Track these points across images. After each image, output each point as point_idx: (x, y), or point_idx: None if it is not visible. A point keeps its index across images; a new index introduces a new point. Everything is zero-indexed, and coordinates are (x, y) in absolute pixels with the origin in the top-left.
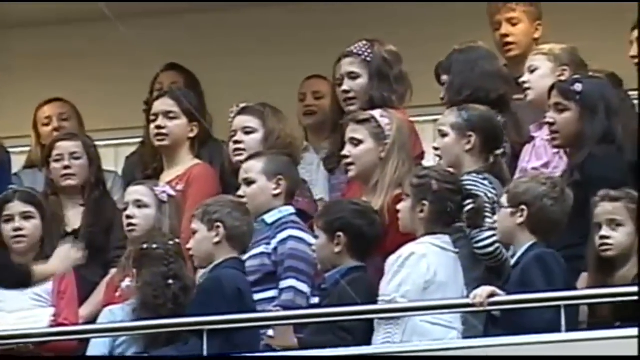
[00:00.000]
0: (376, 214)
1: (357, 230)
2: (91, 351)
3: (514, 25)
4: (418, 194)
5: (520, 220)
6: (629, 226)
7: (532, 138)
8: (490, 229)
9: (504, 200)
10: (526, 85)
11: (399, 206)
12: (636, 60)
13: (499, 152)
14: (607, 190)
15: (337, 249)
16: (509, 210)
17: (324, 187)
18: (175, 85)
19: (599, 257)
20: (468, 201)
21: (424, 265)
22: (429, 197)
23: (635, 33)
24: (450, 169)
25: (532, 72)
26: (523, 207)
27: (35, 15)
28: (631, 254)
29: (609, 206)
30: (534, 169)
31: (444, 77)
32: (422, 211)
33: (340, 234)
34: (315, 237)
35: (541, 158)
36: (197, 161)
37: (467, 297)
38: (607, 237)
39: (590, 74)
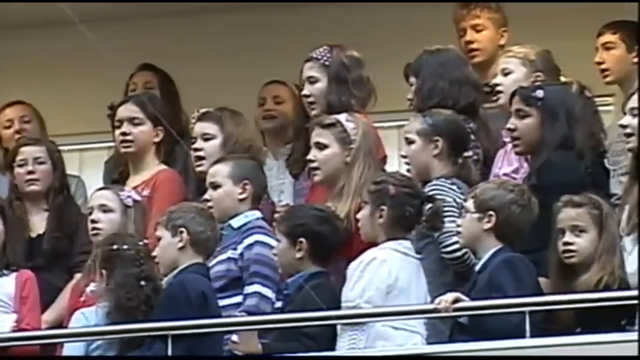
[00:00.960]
0: (339, 220)
1: (319, 236)
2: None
3: (478, 31)
4: (376, 200)
5: (488, 226)
6: (592, 232)
7: (504, 143)
8: (458, 233)
9: (469, 205)
10: (499, 88)
11: (359, 215)
12: (601, 67)
13: (466, 154)
14: (570, 195)
15: (298, 255)
16: (476, 215)
17: (289, 192)
18: (148, 84)
19: (561, 263)
20: (427, 205)
21: (385, 270)
22: (387, 202)
23: (602, 39)
24: (407, 174)
25: (505, 74)
26: (491, 213)
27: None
28: (593, 260)
29: (572, 212)
30: (505, 174)
31: (412, 79)
32: (381, 217)
33: (302, 239)
34: (277, 241)
35: (512, 164)
36: (163, 166)
37: (432, 302)
38: (571, 244)
39: (563, 80)
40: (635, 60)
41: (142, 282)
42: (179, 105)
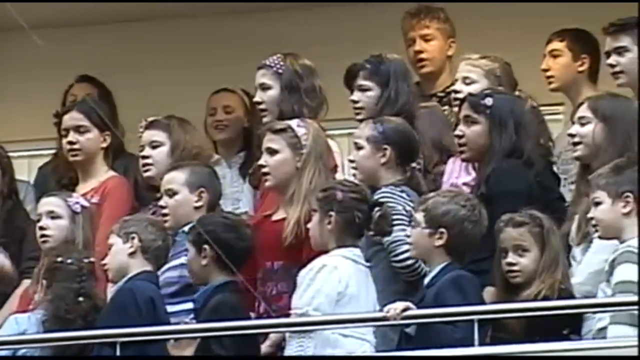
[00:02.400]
0: (247, 228)
1: (224, 244)
2: None
3: (427, 41)
4: (324, 207)
5: (440, 242)
6: (535, 251)
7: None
8: (408, 243)
9: (420, 217)
10: (458, 95)
11: (309, 225)
12: (547, 74)
13: (414, 165)
14: (510, 214)
15: (203, 262)
16: (427, 230)
17: (248, 201)
18: (88, 96)
19: (506, 281)
20: (376, 210)
21: (335, 277)
22: (335, 208)
23: (549, 46)
24: (355, 181)
25: (467, 84)
26: (442, 230)
27: None
28: (536, 276)
29: (514, 232)
30: (465, 184)
31: (367, 83)
32: (329, 223)
33: (206, 247)
34: (186, 250)
35: (470, 173)
36: (112, 173)
37: (381, 310)
38: (514, 264)
39: (518, 93)
40: (581, 68)
41: (81, 298)
42: (116, 117)
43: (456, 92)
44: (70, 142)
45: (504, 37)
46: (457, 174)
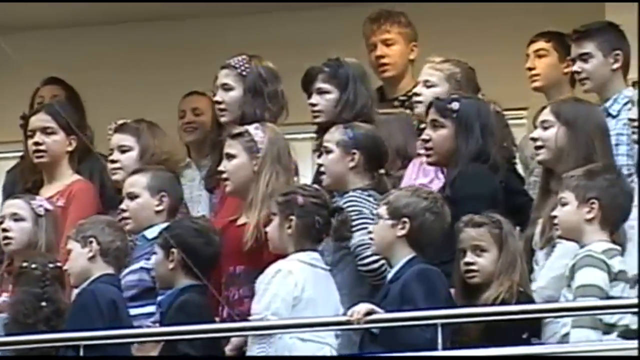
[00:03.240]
0: (215, 234)
1: (192, 248)
2: None
3: (389, 46)
4: (285, 210)
5: (402, 232)
6: (493, 252)
7: (419, 155)
8: (371, 240)
9: (382, 211)
10: (418, 98)
11: (268, 228)
12: (532, 72)
13: (383, 170)
14: (471, 215)
15: (171, 266)
16: (389, 222)
17: (205, 205)
18: (56, 98)
19: (465, 282)
20: (336, 215)
21: (291, 282)
22: (296, 212)
23: (534, 46)
24: (315, 186)
25: (428, 87)
26: (405, 220)
27: None
28: (494, 278)
29: (473, 232)
30: (422, 185)
31: (326, 86)
32: (289, 227)
33: (174, 251)
34: (154, 253)
35: (428, 175)
36: (77, 177)
37: (344, 314)
38: (472, 264)
39: (480, 96)
40: (566, 70)
41: (43, 303)
42: (84, 120)
43: (417, 94)
44: (36, 143)
45: (470, 40)
46: (415, 176)
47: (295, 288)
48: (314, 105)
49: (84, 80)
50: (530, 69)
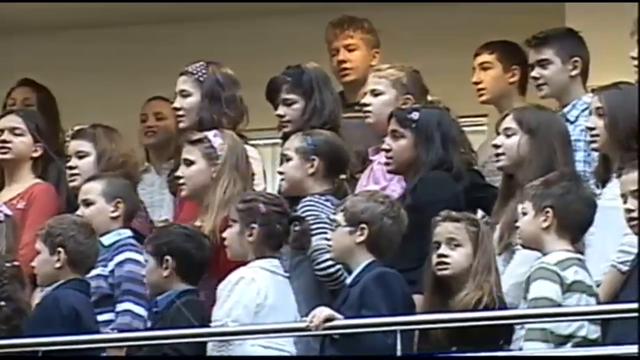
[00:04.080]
0: (205, 238)
1: (185, 253)
2: None
3: (351, 51)
4: (246, 218)
5: (360, 239)
6: (467, 247)
7: (370, 161)
8: (330, 247)
9: (339, 218)
10: (368, 108)
11: (226, 234)
12: (478, 86)
13: (342, 177)
14: (449, 211)
15: (165, 273)
16: (347, 229)
17: (169, 208)
18: (27, 101)
19: (436, 278)
20: (295, 224)
21: (253, 289)
22: (258, 220)
23: (479, 59)
24: (275, 193)
25: (375, 95)
26: (363, 225)
27: None
28: (468, 279)
29: (450, 226)
30: None
31: (291, 96)
32: (250, 235)
33: (168, 257)
34: (145, 261)
35: (379, 182)
36: (38, 180)
37: (303, 319)
38: (445, 256)
39: (431, 99)
40: (512, 80)
41: (2, 303)
42: (57, 122)
43: (366, 105)
44: (3, 141)
45: (429, 49)
46: (365, 183)
47: (258, 295)
48: (281, 116)
49: (52, 83)
50: (476, 83)
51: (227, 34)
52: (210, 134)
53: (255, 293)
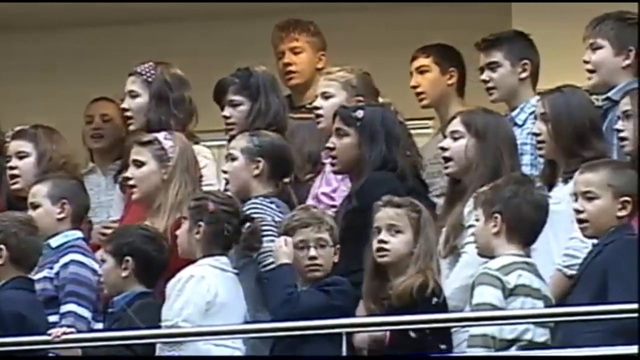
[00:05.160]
0: (165, 241)
1: (145, 255)
2: None
3: (296, 54)
4: (195, 216)
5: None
6: (408, 234)
7: (323, 164)
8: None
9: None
10: (319, 112)
11: (178, 231)
12: (417, 91)
13: (287, 179)
14: (391, 196)
15: (124, 274)
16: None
17: (118, 208)
18: None
19: (376, 264)
20: (246, 224)
21: (204, 287)
22: (205, 218)
23: (416, 63)
24: (228, 193)
25: (326, 98)
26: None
27: None
28: (408, 265)
29: (391, 211)
30: (324, 194)
31: (238, 98)
32: (198, 233)
33: (129, 258)
34: (103, 261)
35: (330, 184)
36: None
37: (252, 321)
38: (385, 242)
39: (382, 101)
40: (450, 82)
41: None
42: None
43: (317, 108)
44: None
45: (377, 52)
46: (319, 184)
47: (208, 293)
48: (227, 117)
49: None
50: (414, 86)
51: (177, 35)
52: (160, 136)
53: (205, 291)
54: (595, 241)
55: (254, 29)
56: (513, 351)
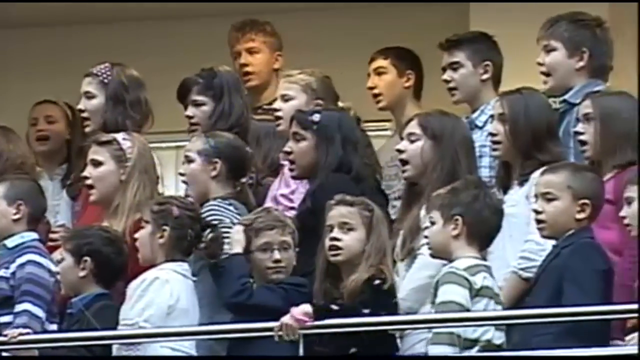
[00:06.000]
0: (124, 243)
1: (104, 257)
2: None
3: (252, 54)
4: (158, 220)
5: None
6: (361, 232)
7: (281, 166)
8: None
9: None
10: (278, 114)
11: (138, 234)
12: (374, 92)
13: (244, 180)
14: (343, 195)
15: (82, 273)
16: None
17: (66, 213)
18: None
19: (328, 262)
20: (208, 230)
21: (167, 291)
22: (170, 223)
23: (373, 64)
24: (190, 198)
25: (286, 101)
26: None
27: None
28: (360, 261)
29: (344, 209)
30: (283, 195)
31: (201, 98)
32: (162, 237)
33: (87, 258)
34: (62, 259)
35: (289, 185)
36: None
37: (209, 324)
38: (338, 240)
39: (342, 105)
40: (407, 84)
41: None
42: None
43: (276, 110)
44: None
45: (335, 53)
46: (278, 186)
47: (171, 297)
48: (190, 117)
49: None
50: (371, 88)
51: (133, 35)
52: (119, 137)
53: (168, 294)
54: (553, 243)
55: (215, 29)
56: (512, 352)
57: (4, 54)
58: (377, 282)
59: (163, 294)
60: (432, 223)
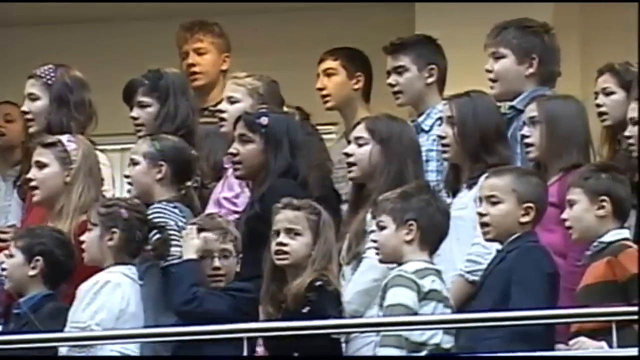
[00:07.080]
0: (74, 246)
1: (55, 258)
2: None
3: (200, 55)
4: (107, 222)
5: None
6: (307, 236)
7: (225, 169)
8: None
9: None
10: (223, 115)
11: (84, 237)
12: (322, 93)
13: (189, 183)
14: (290, 198)
15: (32, 272)
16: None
17: (17, 213)
18: None
19: (274, 267)
20: (154, 232)
21: (118, 294)
22: (119, 225)
23: (323, 65)
24: (137, 200)
25: (231, 103)
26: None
27: None
28: (306, 265)
29: (290, 214)
30: (226, 198)
31: (147, 99)
32: (111, 239)
33: (40, 258)
34: (11, 256)
35: (232, 189)
36: None
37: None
38: (284, 245)
39: (286, 109)
40: (356, 86)
41: None
42: None
43: (221, 111)
44: None
45: (281, 55)
46: (220, 190)
47: (122, 301)
48: (135, 119)
49: None
50: (320, 89)
51: (77, 37)
52: (64, 138)
53: (120, 298)
54: (499, 247)
55: (161, 30)
56: (514, 352)
57: None
58: (318, 283)
59: (114, 298)
60: (382, 227)
